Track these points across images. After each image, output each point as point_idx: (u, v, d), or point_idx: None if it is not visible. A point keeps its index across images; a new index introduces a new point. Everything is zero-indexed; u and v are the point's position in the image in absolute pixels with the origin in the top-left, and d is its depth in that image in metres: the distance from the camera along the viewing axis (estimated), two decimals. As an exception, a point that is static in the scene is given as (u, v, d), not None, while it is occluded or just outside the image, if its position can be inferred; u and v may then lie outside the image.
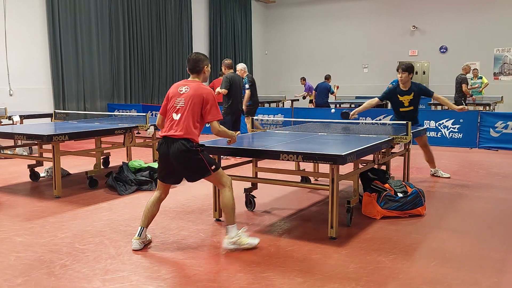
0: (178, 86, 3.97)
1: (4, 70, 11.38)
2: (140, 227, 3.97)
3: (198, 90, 3.87)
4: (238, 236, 3.86)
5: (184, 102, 3.86)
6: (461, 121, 9.97)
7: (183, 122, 3.82)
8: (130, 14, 14.88)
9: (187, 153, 3.79)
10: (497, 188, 6.26)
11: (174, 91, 3.96)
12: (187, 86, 3.92)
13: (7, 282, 3.32)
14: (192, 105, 3.83)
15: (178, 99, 3.90)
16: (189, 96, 3.85)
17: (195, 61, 3.99)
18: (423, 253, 3.89)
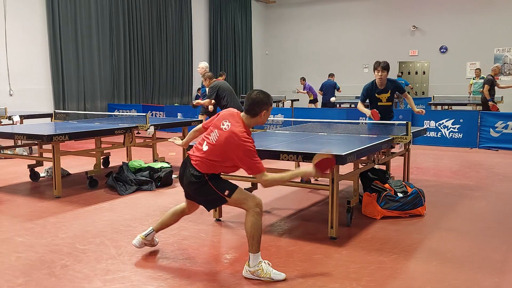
0: (223, 118, 3.49)
1: (4, 70, 11.39)
2: (150, 228, 3.80)
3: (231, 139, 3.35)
4: (258, 266, 3.36)
5: (216, 140, 3.42)
6: (461, 121, 9.98)
7: (206, 156, 3.45)
8: (130, 14, 14.88)
9: (194, 184, 3.47)
10: (497, 188, 6.26)
11: (218, 121, 3.51)
12: (228, 124, 3.41)
13: (8, 283, 3.32)
14: (222, 150, 3.40)
15: (215, 131, 3.46)
16: (222, 138, 3.40)
17: (255, 103, 3.43)
18: (423, 253, 3.89)
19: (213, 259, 3.79)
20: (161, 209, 5.20)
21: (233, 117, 3.46)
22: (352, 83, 19.54)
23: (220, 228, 4.57)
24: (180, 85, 17.32)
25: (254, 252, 3.37)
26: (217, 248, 4.11)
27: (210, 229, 4.53)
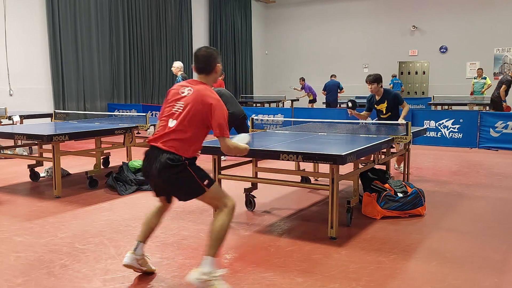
0: (180, 87, 3.25)
1: (4, 70, 11.38)
2: (137, 242, 3.34)
3: (203, 95, 3.13)
4: (211, 276, 2.99)
5: (183, 108, 3.13)
6: (461, 121, 9.97)
7: (177, 132, 3.11)
8: (130, 14, 14.88)
9: (171, 168, 3.05)
10: (497, 188, 6.26)
11: (175, 92, 3.25)
12: (190, 87, 3.19)
13: (7, 282, 3.31)
14: (193, 113, 3.11)
15: (178, 102, 3.18)
16: (191, 101, 3.13)
17: (206, 58, 3.23)
18: (423, 253, 3.89)
19: (212, 259, 3.79)
20: (161, 209, 5.20)
21: (190, 83, 3.27)
22: (352, 83, 19.53)
23: (219, 228, 4.57)
24: (180, 85, 17.31)
25: (214, 256, 3.02)
26: (216, 248, 4.10)
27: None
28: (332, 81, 14.94)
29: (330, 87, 14.70)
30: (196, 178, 3.11)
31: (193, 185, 3.12)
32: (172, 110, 3.18)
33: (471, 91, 14.84)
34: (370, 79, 6.50)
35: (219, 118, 3.11)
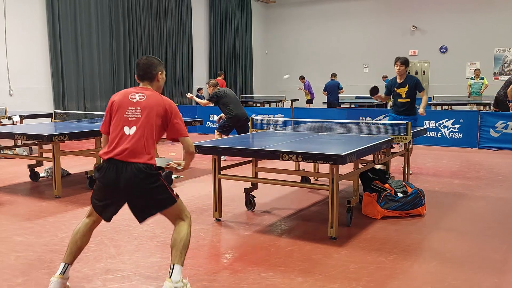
0: (127, 94, 3.13)
1: (4, 70, 11.38)
2: (64, 264, 3.07)
3: (158, 99, 3.10)
4: (184, 284, 3.02)
5: (141, 113, 3.03)
6: (461, 121, 9.97)
7: (140, 139, 2.99)
8: (130, 14, 14.88)
9: (146, 179, 2.96)
10: (497, 188, 6.26)
11: (123, 100, 3.10)
12: (141, 93, 3.11)
13: (7, 282, 3.32)
14: (152, 117, 3.04)
15: (130, 108, 3.06)
16: (148, 106, 3.05)
17: (147, 66, 3.20)
18: (423, 253, 3.89)
19: (212, 259, 3.79)
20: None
21: (136, 89, 3.17)
22: (352, 83, 19.54)
23: (219, 228, 4.57)
24: (180, 85, 17.32)
25: (182, 264, 3.04)
26: (216, 248, 4.11)
27: (210, 229, 4.53)
28: (332, 81, 14.94)
29: (330, 87, 14.73)
30: (167, 188, 3.09)
31: (166, 195, 3.07)
32: (128, 118, 3.05)
33: (468, 91, 14.83)
34: (401, 60, 6.82)
35: (180, 119, 3.16)
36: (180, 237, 3.06)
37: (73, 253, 3.10)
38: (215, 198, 4.73)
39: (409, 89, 6.85)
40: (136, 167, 2.95)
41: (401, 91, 6.91)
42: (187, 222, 3.13)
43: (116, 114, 3.09)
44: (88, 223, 3.13)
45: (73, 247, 3.09)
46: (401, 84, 6.90)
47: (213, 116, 12.72)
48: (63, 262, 3.08)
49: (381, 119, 10.65)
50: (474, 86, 14.62)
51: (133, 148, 2.97)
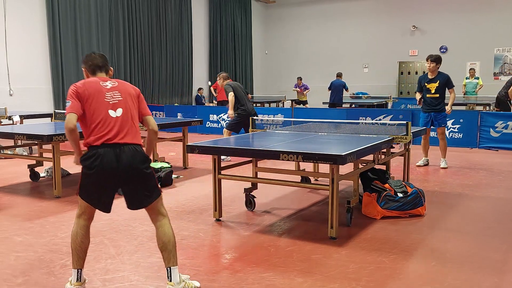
0: (96, 82, 3.08)
1: (4, 70, 11.38)
2: (77, 271, 3.05)
3: (127, 84, 3.21)
4: (184, 282, 3.07)
5: (121, 95, 3.06)
6: (461, 121, 9.97)
7: (129, 120, 3.01)
8: (130, 14, 14.88)
9: (142, 163, 2.97)
10: (497, 188, 6.26)
11: (95, 87, 3.03)
12: (109, 81, 3.12)
13: (7, 282, 3.32)
14: (131, 99, 3.10)
15: (108, 93, 3.03)
16: (124, 90, 3.11)
17: (105, 59, 3.28)
18: (423, 253, 3.89)
19: (212, 259, 3.79)
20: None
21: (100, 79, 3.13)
22: (352, 83, 19.52)
23: (219, 228, 4.57)
24: (180, 85, 17.32)
25: (176, 265, 3.04)
26: (216, 248, 4.11)
27: (210, 229, 4.53)
28: (337, 80, 14.73)
29: (335, 87, 14.46)
30: (155, 178, 3.10)
31: (154, 184, 3.07)
32: (109, 102, 3.00)
33: (463, 91, 14.84)
34: (431, 58, 7.26)
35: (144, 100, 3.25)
36: (168, 238, 3.04)
37: (82, 257, 3.06)
38: (215, 198, 4.73)
39: (439, 85, 7.22)
40: (133, 148, 2.96)
41: (430, 87, 7.28)
42: (168, 218, 3.12)
43: (92, 100, 2.98)
44: (84, 224, 3.06)
45: (80, 252, 3.04)
46: (431, 80, 7.28)
47: (213, 116, 12.72)
48: (75, 269, 3.05)
49: (381, 119, 10.65)
50: (468, 85, 14.64)
51: (126, 129, 2.97)
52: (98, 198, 3.00)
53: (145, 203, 3.05)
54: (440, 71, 7.35)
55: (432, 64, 7.23)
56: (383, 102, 15.28)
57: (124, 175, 2.93)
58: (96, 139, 2.92)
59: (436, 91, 7.28)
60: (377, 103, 14.78)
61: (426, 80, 7.37)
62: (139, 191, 3.01)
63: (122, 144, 2.93)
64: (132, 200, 3.05)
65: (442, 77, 7.28)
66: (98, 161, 2.89)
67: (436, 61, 7.24)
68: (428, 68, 7.30)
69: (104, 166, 2.88)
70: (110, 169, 2.89)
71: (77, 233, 3.04)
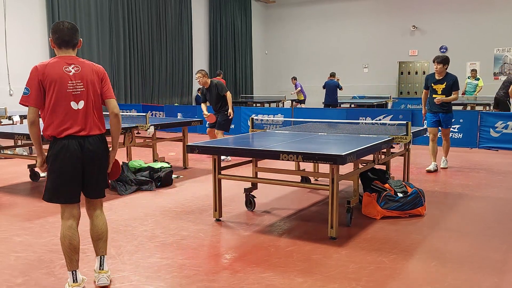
0: (59, 66, 2.98)
1: (4, 70, 11.39)
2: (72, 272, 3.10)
3: (91, 67, 3.09)
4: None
5: (83, 85, 3.02)
6: (461, 121, 9.97)
7: (91, 112, 3.07)
8: (130, 14, 14.88)
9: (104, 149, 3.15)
10: (497, 188, 6.26)
11: (58, 74, 2.96)
12: (73, 64, 3.02)
13: (6, 282, 3.31)
14: (93, 87, 3.07)
15: (70, 82, 2.98)
16: (86, 77, 3.03)
17: (74, 31, 3.07)
18: (423, 253, 3.89)
19: (212, 259, 3.79)
20: (161, 209, 5.20)
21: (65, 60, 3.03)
22: (352, 83, 19.55)
23: (219, 228, 4.57)
24: (180, 85, 17.33)
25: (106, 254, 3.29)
26: (216, 248, 4.11)
27: (210, 229, 4.53)
28: (330, 81, 14.55)
29: (329, 87, 14.29)
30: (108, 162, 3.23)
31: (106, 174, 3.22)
32: (72, 93, 2.99)
33: (463, 90, 14.83)
34: (437, 60, 7.13)
35: (108, 82, 3.18)
36: (103, 229, 3.29)
37: (74, 259, 3.10)
38: (215, 198, 4.73)
39: (446, 87, 7.07)
40: (95, 138, 3.10)
41: (437, 88, 7.13)
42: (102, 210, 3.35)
43: (54, 89, 2.95)
44: (69, 224, 3.14)
45: (70, 254, 3.08)
46: (439, 81, 7.13)
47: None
48: (69, 271, 3.09)
49: (381, 119, 10.65)
50: (468, 86, 14.64)
51: (90, 123, 3.05)
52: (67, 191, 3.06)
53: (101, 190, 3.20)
54: (448, 72, 7.21)
55: (439, 66, 7.11)
56: (383, 102, 15.27)
57: (86, 161, 3.04)
58: (60, 132, 2.99)
59: (443, 92, 7.12)
60: (377, 103, 14.77)
61: (433, 81, 7.22)
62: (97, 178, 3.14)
63: (86, 136, 3.05)
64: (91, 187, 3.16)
65: (450, 78, 7.13)
66: (64, 150, 2.98)
67: (443, 62, 7.13)
68: (435, 70, 7.16)
69: (70, 153, 2.99)
70: (75, 157, 3.00)
71: (64, 235, 3.10)
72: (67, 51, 3.06)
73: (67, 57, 3.05)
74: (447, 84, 7.08)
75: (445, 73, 7.16)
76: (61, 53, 3.06)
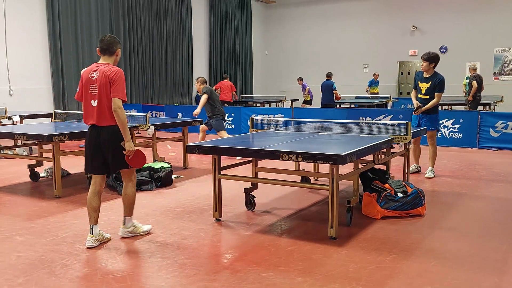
0: (89, 72, 3.99)
1: (4, 70, 11.39)
2: (91, 226, 4.03)
3: (105, 73, 3.89)
4: (133, 226, 4.23)
5: (98, 88, 3.91)
6: (461, 121, 9.98)
7: (103, 108, 3.92)
8: (130, 14, 14.88)
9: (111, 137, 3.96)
10: (497, 188, 6.27)
11: (87, 77, 3.98)
12: (97, 71, 3.95)
13: (8, 282, 3.32)
14: (105, 90, 3.88)
15: (91, 86, 3.95)
16: (100, 82, 3.90)
17: (110, 43, 4.02)
18: (423, 253, 3.89)
19: (213, 259, 3.80)
20: (161, 209, 5.21)
21: (95, 66, 4.00)
22: (352, 83, 19.55)
23: (220, 228, 4.58)
24: (180, 85, 17.33)
25: (131, 215, 4.21)
26: (217, 247, 4.11)
27: (210, 229, 4.53)
28: (327, 81, 14.19)
29: (325, 88, 13.98)
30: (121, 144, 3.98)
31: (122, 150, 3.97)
32: (91, 93, 3.96)
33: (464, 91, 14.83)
34: (424, 57, 6.77)
35: (117, 84, 3.87)
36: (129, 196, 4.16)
37: (92, 216, 4.04)
38: (215, 198, 4.73)
39: (431, 86, 6.73)
40: (109, 129, 3.96)
41: (422, 86, 6.83)
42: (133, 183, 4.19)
43: (84, 89, 4.01)
44: (92, 189, 4.09)
45: (89, 211, 4.07)
46: (425, 79, 6.81)
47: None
48: (90, 224, 4.03)
49: (381, 119, 10.65)
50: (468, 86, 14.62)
51: (103, 116, 3.93)
52: (91, 164, 4.08)
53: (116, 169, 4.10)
54: (436, 72, 6.81)
55: (425, 63, 6.73)
56: (383, 102, 15.27)
57: (103, 147, 3.99)
58: (86, 122, 4.06)
59: (426, 92, 6.76)
60: (377, 103, 14.77)
61: (419, 78, 6.90)
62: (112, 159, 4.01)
63: (101, 126, 3.97)
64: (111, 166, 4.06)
65: (435, 78, 6.72)
66: (87, 136, 4.09)
67: (429, 60, 6.70)
68: (421, 67, 6.85)
69: (90, 139, 4.06)
70: (94, 141, 4.02)
71: (88, 197, 4.09)
72: (104, 57, 4.04)
73: (97, 64, 4.02)
74: (432, 84, 6.71)
75: (433, 72, 6.79)
76: (101, 59, 4.05)
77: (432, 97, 6.75)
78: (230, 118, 12.51)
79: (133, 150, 3.99)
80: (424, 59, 6.74)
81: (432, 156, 7.04)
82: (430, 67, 6.75)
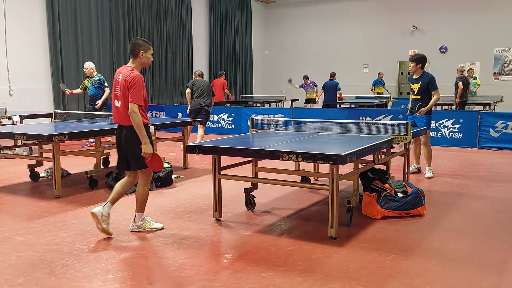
0: (117, 73, 4.25)
1: (4, 70, 11.38)
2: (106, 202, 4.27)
3: (126, 76, 4.12)
4: (142, 221, 4.40)
5: (120, 90, 4.17)
6: (461, 121, 9.98)
7: (125, 109, 4.15)
8: (130, 14, 14.88)
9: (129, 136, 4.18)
10: (497, 188, 6.27)
11: (115, 78, 4.28)
12: (121, 74, 4.19)
13: (8, 282, 3.32)
14: (125, 92, 4.12)
15: (117, 87, 4.25)
16: (122, 85, 4.15)
17: (133, 45, 4.24)
18: (423, 253, 3.89)
19: (213, 259, 3.80)
20: (161, 209, 5.21)
21: (124, 67, 4.25)
22: (352, 83, 19.55)
23: (219, 228, 4.58)
24: (180, 85, 17.32)
25: (141, 212, 4.39)
26: (217, 247, 4.11)
27: (210, 229, 4.54)
28: (330, 81, 14.34)
29: (328, 88, 14.01)
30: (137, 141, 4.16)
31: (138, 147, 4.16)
32: (116, 94, 4.25)
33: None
34: (411, 58, 6.92)
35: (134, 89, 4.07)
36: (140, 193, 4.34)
37: (113, 196, 4.28)
38: (215, 198, 4.74)
39: (421, 86, 6.82)
40: (128, 128, 4.18)
41: (414, 87, 6.94)
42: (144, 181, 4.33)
43: (113, 89, 4.32)
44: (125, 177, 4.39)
45: (113, 192, 4.30)
46: (416, 80, 6.91)
47: (213, 116, 12.71)
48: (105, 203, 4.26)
49: (381, 119, 10.65)
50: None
51: (124, 116, 4.18)
52: (118, 160, 4.37)
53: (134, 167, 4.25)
54: (425, 71, 6.91)
55: (411, 64, 6.86)
56: (383, 102, 15.26)
57: (124, 145, 4.25)
58: (114, 120, 4.35)
59: (419, 92, 6.86)
60: (377, 103, 14.77)
61: (411, 80, 7.02)
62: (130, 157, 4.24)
63: (123, 126, 4.25)
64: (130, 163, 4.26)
65: (425, 78, 6.81)
66: (115, 133, 4.37)
67: (416, 61, 6.81)
68: (410, 69, 6.95)
69: (116, 136, 4.34)
70: (119, 140, 4.30)
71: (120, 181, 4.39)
72: (131, 60, 4.27)
73: (125, 66, 4.27)
74: (422, 84, 6.79)
75: (422, 73, 6.87)
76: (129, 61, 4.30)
77: (423, 97, 6.85)
78: (230, 118, 12.51)
79: (150, 153, 4.15)
80: (411, 60, 6.88)
81: (427, 156, 7.06)
82: (417, 67, 6.84)
